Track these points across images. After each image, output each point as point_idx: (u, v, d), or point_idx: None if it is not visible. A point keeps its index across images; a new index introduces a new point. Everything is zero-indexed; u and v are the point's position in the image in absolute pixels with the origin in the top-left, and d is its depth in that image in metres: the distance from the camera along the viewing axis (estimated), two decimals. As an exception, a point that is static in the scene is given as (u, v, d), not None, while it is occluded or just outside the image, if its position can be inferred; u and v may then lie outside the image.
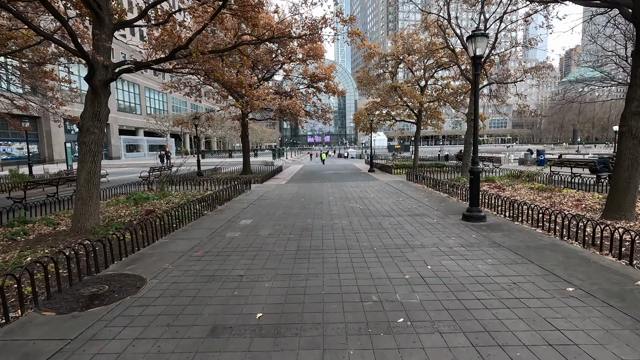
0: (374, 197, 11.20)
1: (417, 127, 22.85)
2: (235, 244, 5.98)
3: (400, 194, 11.79)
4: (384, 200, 10.38)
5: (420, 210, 8.72)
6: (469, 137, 14.69)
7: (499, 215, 7.82)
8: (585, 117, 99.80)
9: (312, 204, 9.99)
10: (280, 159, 41.47)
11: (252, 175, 19.53)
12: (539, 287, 3.89)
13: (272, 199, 11.13)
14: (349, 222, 7.51)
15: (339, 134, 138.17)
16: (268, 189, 14.09)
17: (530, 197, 9.93)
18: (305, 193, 12.44)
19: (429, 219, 7.59)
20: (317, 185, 14.89)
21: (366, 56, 22.59)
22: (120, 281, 4.26)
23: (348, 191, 12.77)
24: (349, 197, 11.19)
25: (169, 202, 10.70)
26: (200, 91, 22.42)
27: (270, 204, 10.24)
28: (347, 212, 8.62)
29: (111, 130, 45.22)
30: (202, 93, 24.20)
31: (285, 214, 8.63)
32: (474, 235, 6.18)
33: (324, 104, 22.81)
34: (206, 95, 22.60)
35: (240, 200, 11.12)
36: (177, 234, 6.77)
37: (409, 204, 9.72)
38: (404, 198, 10.77)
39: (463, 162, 14.82)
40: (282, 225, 7.30)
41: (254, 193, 12.78)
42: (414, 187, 13.46)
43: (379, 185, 14.35)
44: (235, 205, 10.08)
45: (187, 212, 8.14)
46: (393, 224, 7.23)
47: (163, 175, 16.10)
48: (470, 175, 7.36)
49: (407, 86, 20.40)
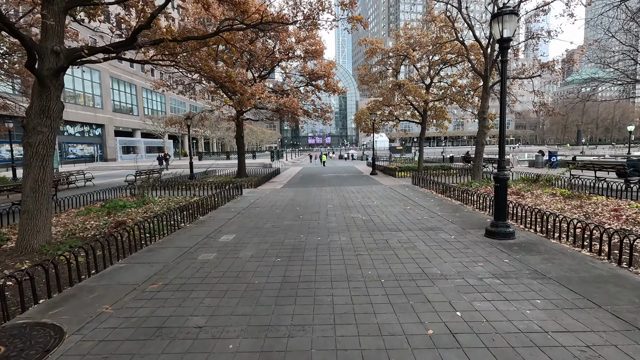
0: (377, 204, 9.96)
1: (422, 127, 21.61)
2: (206, 270, 4.75)
3: (407, 201, 10.54)
4: (390, 209, 9.13)
5: (432, 222, 7.48)
6: (481, 138, 13.46)
7: (528, 230, 6.56)
8: (589, 117, 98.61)
9: (308, 214, 8.76)
10: (279, 161, 40.27)
11: (246, 179, 18.34)
12: (631, 357, 2.64)
13: (264, 207, 9.90)
14: (349, 238, 6.27)
15: (340, 135, 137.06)
16: (261, 194, 12.87)
17: (557, 205, 8.67)
18: (302, 200, 11.22)
19: (446, 235, 6.35)
20: (315, 191, 13.66)
21: (368, 52, 21.38)
22: (27, 338, 3.04)
23: (349, 197, 11.54)
24: (349, 205, 9.95)
25: (148, 212, 9.49)
26: (195, 89, 21.28)
27: (260, 213, 9.01)
28: (348, 225, 7.38)
29: (106, 131, 44.14)
30: (197, 91, 23.05)
31: (275, 227, 7.40)
32: (506, 259, 4.93)
33: (323, 103, 21.60)
34: (200, 93, 21.44)
35: (227, 208, 9.90)
36: (139, 255, 5.54)
37: (419, 213, 8.47)
38: (411, 206, 9.53)
39: (474, 165, 13.59)
40: (269, 243, 6.07)
41: (244, 200, 11.56)
42: (421, 193, 12.21)
43: (383, 191, 13.11)
44: (220, 215, 8.85)
45: (162, 225, 6.94)
46: (403, 241, 5.99)
47: (148, 180, 14.91)
48: (495, 182, 6.12)
49: (411, 84, 19.17)
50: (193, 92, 21.04)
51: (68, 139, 38.80)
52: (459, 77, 19.82)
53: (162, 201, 11.41)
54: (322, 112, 22.02)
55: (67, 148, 38.51)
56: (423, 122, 21.43)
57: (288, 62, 21.86)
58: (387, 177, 19.58)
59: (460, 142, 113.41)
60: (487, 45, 12.72)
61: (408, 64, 21.77)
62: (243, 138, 20.95)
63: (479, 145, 13.48)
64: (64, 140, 37.92)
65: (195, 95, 22.85)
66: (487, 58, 12.78)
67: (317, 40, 19.97)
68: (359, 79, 22.21)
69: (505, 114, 6.12)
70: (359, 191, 13.13)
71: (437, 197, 11.07)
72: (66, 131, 38.42)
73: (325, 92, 21.44)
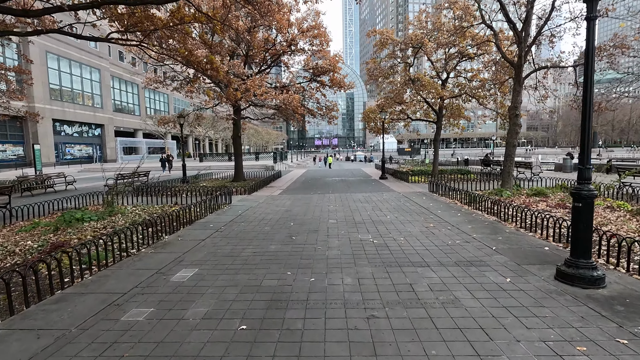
0: (391, 219, 8.00)
1: (437, 127, 19.57)
2: (122, 348, 2.88)
3: (428, 214, 8.56)
4: (408, 227, 7.17)
5: (469, 250, 5.50)
6: (512, 138, 11.40)
7: (617, 270, 4.54)
8: (605, 119, 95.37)
9: (304, 233, 6.85)
10: (283, 163, 38.51)
11: (242, 184, 16.53)
12: None
13: (250, 222, 8.02)
14: (356, 280, 4.34)
15: (347, 136, 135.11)
16: (253, 203, 11.01)
17: (631, 226, 6.60)
18: (299, 212, 9.31)
19: (496, 275, 4.38)
20: (316, 199, 11.75)
21: (377, 45, 19.44)
22: None
23: (355, 208, 9.60)
24: (356, 220, 8.01)
25: (107, 227, 7.70)
26: (191, 86, 19.56)
27: (244, 231, 7.13)
28: (355, 254, 5.44)
29: (106, 131, 42.90)
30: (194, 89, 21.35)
31: (256, 254, 5.51)
32: (619, 337, 2.95)
33: (328, 101, 19.69)
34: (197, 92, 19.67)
35: (205, 223, 8.04)
36: (36, 311, 3.68)
37: (447, 235, 6.50)
38: (435, 223, 7.55)
39: (504, 170, 11.53)
40: (239, 288, 4.18)
41: (231, 210, 9.71)
42: (442, 203, 10.21)
43: (396, 200, 11.13)
44: (193, 234, 7.00)
45: (111, 249, 5.14)
46: (436, 288, 4.04)
47: (125, 185, 13.16)
48: (574, 201, 4.12)
49: (427, 78, 17.17)
50: (190, 90, 19.33)
51: (65, 139, 37.59)
52: (481, 71, 17.73)
53: (136, 211, 9.65)
54: (328, 110, 20.11)
55: (64, 148, 37.29)
56: (438, 121, 19.40)
57: (290, 57, 20.04)
58: (399, 182, 17.57)
59: (470, 144, 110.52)
60: (521, 28, 10.69)
61: (421, 56, 19.77)
62: (240, 138, 19.16)
63: (509, 147, 11.42)
64: (61, 141, 36.71)
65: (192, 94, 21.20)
66: (521, 43, 10.74)
67: (322, 31, 18.12)
68: (368, 73, 20.26)
69: (590, 103, 4.13)
70: (367, 200, 11.17)
71: (464, 210, 9.06)
72: (63, 131, 37.21)
73: (330, 88, 19.54)
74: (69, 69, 37.02)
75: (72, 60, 37.08)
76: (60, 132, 36.71)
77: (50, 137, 34.44)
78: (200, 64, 8.38)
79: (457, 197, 10.67)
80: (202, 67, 8.49)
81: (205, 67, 8.53)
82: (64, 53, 35.77)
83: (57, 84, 35.50)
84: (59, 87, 35.68)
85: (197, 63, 8.39)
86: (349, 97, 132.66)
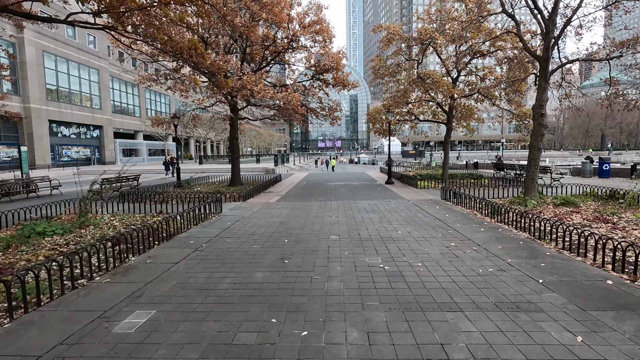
0: (404, 236, 6.79)
1: (447, 128, 18.33)
2: None
3: (446, 229, 7.34)
4: (425, 247, 5.96)
5: (509, 283, 4.27)
6: (537, 140, 10.14)
7: None
8: (613, 121, 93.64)
9: (299, 255, 5.66)
10: (285, 166, 37.36)
11: (238, 188, 15.41)
12: None
13: (239, 238, 6.85)
14: (365, 337, 3.13)
15: (351, 138, 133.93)
16: (246, 212, 9.84)
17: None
18: (296, 224, 8.12)
19: (559, 330, 3.16)
20: (317, 207, 10.56)
21: (383, 41, 18.25)
22: None
23: (361, 220, 8.39)
24: (362, 237, 6.81)
25: (72, 243, 6.57)
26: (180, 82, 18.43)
27: (227, 252, 5.95)
28: (362, 290, 4.23)
29: (104, 133, 42.05)
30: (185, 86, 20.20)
31: (235, 288, 4.33)
32: None
33: (331, 100, 18.53)
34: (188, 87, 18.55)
35: (184, 239, 6.88)
36: None
37: (476, 258, 5.28)
38: (457, 241, 6.33)
39: (527, 176, 10.26)
40: (200, 349, 2.99)
41: (220, 222, 8.55)
42: (459, 214, 8.97)
43: (406, 209, 9.91)
44: (167, 254, 5.84)
45: (62, 273, 4.00)
46: (480, 354, 2.83)
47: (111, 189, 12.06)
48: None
49: (439, 75, 15.97)
50: (184, 89, 18.23)
51: (62, 140, 36.73)
52: (494, 69, 16.49)
53: (113, 222, 8.54)
54: (331, 110, 18.93)
55: (60, 150, 36.44)
56: (448, 122, 18.16)
57: (292, 55, 18.95)
58: (406, 187, 16.33)
59: (476, 147, 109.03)
60: (549, 16, 9.47)
61: (430, 53, 18.59)
62: (238, 140, 18.07)
63: (533, 150, 10.16)
64: (57, 142, 35.86)
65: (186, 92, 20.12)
66: (548, 33, 9.51)
67: (325, 27, 17.01)
68: (373, 72, 19.08)
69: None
70: (374, 209, 9.96)
71: (486, 223, 7.83)
72: (60, 132, 36.36)
73: (334, 87, 18.39)
74: (67, 69, 36.22)
75: (69, 60, 36.29)
76: (57, 133, 35.87)
77: (46, 139, 33.59)
78: (182, 50, 7.26)
79: (476, 207, 9.43)
80: (184, 54, 7.36)
81: (189, 54, 7.40)
82: (61, 53, 34.99)
83: (54, 84, 34.69)
84: (55, 88, 34.86)
85: (179, 50, 7.27)
86: (353, 99, 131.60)
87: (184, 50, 7.26)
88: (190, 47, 7.41)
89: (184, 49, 7.36)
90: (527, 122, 16.67)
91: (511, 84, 14.07)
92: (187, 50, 7.40)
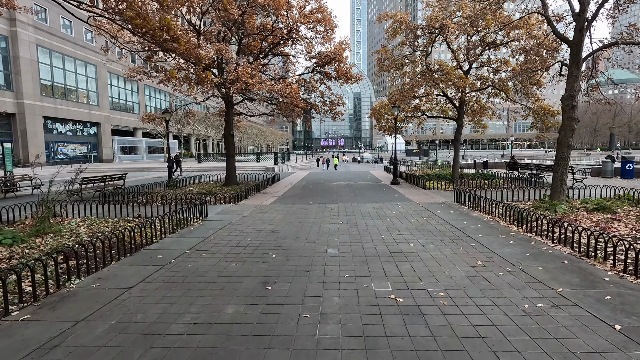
0: (417, 250, 5.58)
1: (458, 124, 17.06)
2: None
3: (467, 240, 6.11)
4: (447, 267, 4.74)
5: (574, 330, 3.05)
6: (567, 136, 8.86)
7: None
8: (621, 120, 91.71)
9: (286, 278, 4.47)
10: (285, 164, 36.18)
11: (233, 188, 14.31)
12: None
13: (217, 252, 5.68)
14: None
15: (354, 137, 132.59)
16: (235, 216, 8.67)
17: None
18: (288, 234, 6.93)
19: None
20: (315, 211, 9.36)
21: (389, 31, 17.03)
22: None
23: (365, 228, 7.19)
24: (367, 252, 5.61)
25: (16, 257, 5.45)
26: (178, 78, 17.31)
27: (197, 273, 4.77)
28: (367, 338, 3.02)
29: (102, 130, 41.10)
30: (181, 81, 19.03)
31: (193, 333, 3.13)
32: None
33: (333, 94, 17.31)
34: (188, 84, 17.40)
35: (154, 252, 5.71)
36: None
37: (514, 285, 4.06)
38: (484, 258, 5.11)
39: (555, 177, 9.00)
40: None
41: (202, 228, 7.40)
42: (478, 220, 7.74)
43: (417, 214, 8.69)
44: (123, 274, 4.68)
45: None
46: None
47: (69, 192, 10.97)
48: None
49: (450, 66, 14.69)
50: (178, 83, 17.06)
51: (58, 137, 35.80)
52: (512, 57, 15.12)
53: (80, 228, 7.43)
54: (333, 105, 17.71)
55: (56, 147, 35.51)
56: (459, 118, 16.88)
57: (292, 47, 17.75)
58: (414, 188, 15.08)
59: (480, 146, 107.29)
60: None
61: (439, 43, 17.30)
62: (233, 137, 16.92)
63: (563, 148, 8.88)
64: (52, 139, 34.92)
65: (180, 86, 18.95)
66: (581, 13, 8.24)
67: (326, 16, 15.79)
68: (378, 64, 17.83)
69: None
70: (379, 214, 8.75)
71: (514, 234, 6.59)
72: (55, 129, 35.42)
73: (336, 80, 17.17)
74: (62, 64, 35.23)
75: (65, 55, 35.30)
76: (52, 130, 34.92)
77: (40, 136, 32.64)
78: (153, 31, 6.08)
79: (497, 212, 8.20)
80: (156, 36, 6.19)
81: (163, 38, 6.23)
82: (56, 47, 34.00)
83: (49, 79, 33.72)
84: (50, 83, 33.89)
85: (149, 31, 6.09)
86: (356, 97, 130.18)
87: (155, 31, 6.09)
88: (162, 27, 6.22)
89: (155, 30, 6.18)
90: (546, 118, 15.38)
91: (531, 75, 12.76)
92: (159, 32, 6.21)
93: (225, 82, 12.42)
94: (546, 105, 14.76)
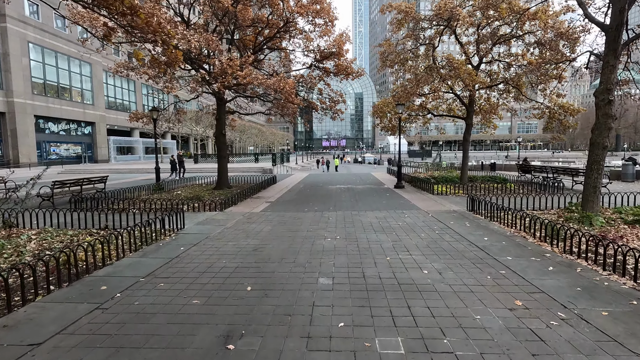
0: (434, 280, 4.35)
1: (467, 124, 15.81)
2: None
3: (495, 266, 4.89)
4: (477, 312, 3.52)
5: None
6: (602, 137, 7.62)
7: None
8: (627, 121, 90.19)
9: (259, 327, 3.26)
10: (285, 165, 34.96)
11: (223, 192, 13.20)
12: None
13: (178, 281, 4.47)
14: None
15: (356, 137, 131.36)
16: (217, 228, 7.47)
17: None
18: (274, 253, 5.72)
19: None
20: (309, 221, 8.15)
21: (393, 23, 15.83)
22: None
23: (367, 247, 5.97)
24: (369, 281, 4.39)
25: None
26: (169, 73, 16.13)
27: (141, 317, 3.55)
28: None
29: (97, 129, 40.05)
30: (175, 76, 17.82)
31: None
32: None
33: (332, 90, 16.12)
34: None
35: (97, 282, 4.51)
36: None
37: (577, 344, 2.83)
38: (524, 296, 3.88)
39: (587, 183, 7.76)
40: None
41: (174, 243, 6.20)
42: (501, 235, 6.50)
43: (427, 226, 7.46)
44: (40, 319, 3.47)
45: None
46: None
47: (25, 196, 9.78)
48: None
49: (461, 60, 13.48)
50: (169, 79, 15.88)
51: (50, 137, 34.76)
52: (524, 55, 13.90)
53: (31, 243, 6.28)
54: (332, 102, 16.51)
55: (48, 147, 34.46)
56: (468, 117, 15.65)
57: (289, 42, 16.57)
58: (420, 192, 13.84)
59: (484, 147, 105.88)
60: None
61: (448, 37, 16.07)
62: (225, 136, 15.72)
63: (596, 149, 7.63)
64: (45, 139, 33.86)
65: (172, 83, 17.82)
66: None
67: (326, 7, 14.60)
68: (381, 59, 16.62)
69: None
70: (384, 226, 7.53)
71: (549, 255, 5.35)
72: (48, 129, 34.37)
73: (335, 75, 15.97)
74: (55, 62, 34.19)
75: (58, 53, 34.26)
76: (44, 129, 33.87)
77: (31, 135, 31.60)
78: (109, 2, 4.90)
79: (520, 224, 6.96)
80: (114, 8, 5.00)
81: (120, 10, 5.05)
82: (48, 44, 32.97)
83: (41, 77, 32.68)
84: (42, 82, 32.85)
85: (104, 2, 4.91)
86: (358, 97, 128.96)
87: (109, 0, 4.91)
88: (131, 7, 5.04)
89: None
90: (564, 117, 14.12)
91: (550, 68, 11.51)
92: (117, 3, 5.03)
93: (209, 74, 11.25)
94: (566, 103, 13.51)
